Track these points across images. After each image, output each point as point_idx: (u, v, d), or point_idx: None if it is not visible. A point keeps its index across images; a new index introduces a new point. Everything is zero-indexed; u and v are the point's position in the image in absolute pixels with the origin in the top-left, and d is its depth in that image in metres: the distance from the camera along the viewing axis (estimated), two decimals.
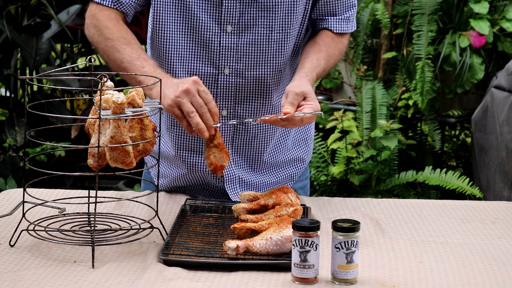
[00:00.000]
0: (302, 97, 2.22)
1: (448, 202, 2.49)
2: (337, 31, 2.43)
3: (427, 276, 1.92)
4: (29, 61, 4.39)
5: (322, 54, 2.38)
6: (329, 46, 2.41)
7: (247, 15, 2.33)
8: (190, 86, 2.12)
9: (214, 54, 2.35)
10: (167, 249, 1.99)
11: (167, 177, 2.52)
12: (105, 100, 1.99)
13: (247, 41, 2.35)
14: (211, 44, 2.34)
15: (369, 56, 4.62)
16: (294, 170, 2.56)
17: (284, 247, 1.98)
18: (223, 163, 2.19)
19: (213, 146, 2.19)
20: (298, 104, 2.21)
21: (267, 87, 2.41)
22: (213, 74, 2.36)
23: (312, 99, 2.22)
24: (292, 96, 2.21)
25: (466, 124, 4.76)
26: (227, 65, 2.36)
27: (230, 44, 2.34)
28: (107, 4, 2.36)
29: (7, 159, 4.33)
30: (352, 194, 4.34)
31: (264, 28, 2.34)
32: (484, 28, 4.10)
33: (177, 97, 2.12)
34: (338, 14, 2.43)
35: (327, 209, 2.41)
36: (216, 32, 2.33)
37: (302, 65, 2.35)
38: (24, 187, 2.07)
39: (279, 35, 2.36)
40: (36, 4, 4.58)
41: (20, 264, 1.94)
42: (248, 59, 2.36)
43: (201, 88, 2.13)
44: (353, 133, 4.23)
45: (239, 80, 2.38)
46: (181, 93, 2.12)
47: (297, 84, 2.25)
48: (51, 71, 2.16)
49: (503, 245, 2.14)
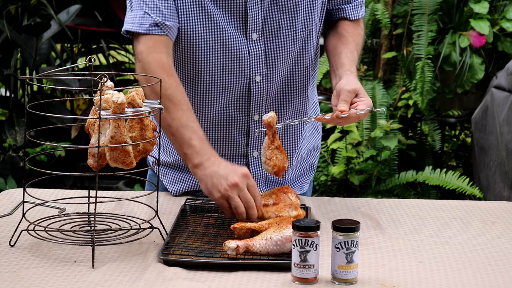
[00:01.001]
0: (354, 94, 2.24)
1: (448, 202, 2.49)
2: (354, 18, 2.46)
3: (427, 276, 1.92)
4: (29, 61, 4.39)
5: (352, 45, 2.41)
6: (353, 35, 2.44)
7: (270, 20, 2.33)
8: (240, 180, 2.12)
9: (244, 65, 2.35)
10: (167, 249, 1.99)
11: (183, 183, 2.51)
12: (105, 100, 1.99)
13: (273, 45, 2.35)
14: (240, 55, 2.33)
15: (369, 56, 4.62)
16: (313, 159, 2.60)
17: (284, 247, 1.98)
18: (285, 164, 2.22)
19: (275, 148, 2.20)
20: (351, 101, 2.23)
21: (296, 86, 2.43)
22: (245, 84, 2.37)
23: (363, 95, 2.24)
24: (345, 94, 2.23)
25: (466, 124, 4.76)
26: (257, 72, 2.36)
27: (257, 51, 2.35)
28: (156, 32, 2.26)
29: (7, 159, 4.33)
30: (352, 194, 4.34)
31: (288, 30, 2.35)
32: (484, 28, 4.10)
33: (226, 191, 2.12)
34: (353, 0, 2.45)
35: (327, 209, 2.41)
36: (243, 42, 2.33)
37: (340, 62, 2.37)
38: (24, 187, 2.07)
39: (303, 34, 2.37)
40: (36, 4, 4.58)
41: (20, 264, 1.94)
42: (277, 63, 2.37)
43: (250, 183, 2.13)
44: (353, 133, 4.22)
45: (270, 85, 2.38)
46: (230, 187, 2.12)
47: (347, 82, 2.27)
48: (51, 71, 2.16)
49: (503, 245, 2.14)
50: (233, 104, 2.39)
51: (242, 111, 2.40)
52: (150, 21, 2.25)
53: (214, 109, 2.39)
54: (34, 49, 4.34)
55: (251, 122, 2.41)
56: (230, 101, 2.38)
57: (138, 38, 2.28)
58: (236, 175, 2.13)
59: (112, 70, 4.62)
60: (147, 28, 2.25)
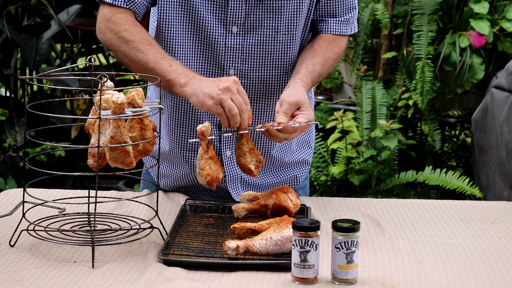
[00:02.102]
0: (297, 107, 2.21)
1: (448, 202, 2.49)
2: (335, 33, 2.42)
3: (427, 276, 1.92)
4: (29, 61, 4.39)
5: (318, 59, 2.37)
6: (325, 50, 2.39)
7: (253, 16, 2.32)
8: (231, 84, 2.12)
9: (219, 55, 2.34)
10: (167, 249, 1.99)
11: (169, 177, 2.52)
12: (105, 100, 1.99)
13: (252, 42, 2.34)
14: (217, 45, 2.33)
15: (369, 56, 4.62)
16: (299, 172, 2.56)
17: (284, 247, 1.98)
18: (219, 175, 2.18)
19: (208, 158, 2.17)
20: (292, 113, 2.20)
21: (273, 88, 2.41)
22: (218, 75, 2.35)
23: (306, 108, 2.21)
24: (286, 105, 2.20)
25: (466, 124, 4.76)
26: (232, 66, 2.35)
27: (235, 45, 2.34)
28: (120, 4, 2.30)
29: (7, 159, 4.33)
30: (352, 194, 4.34)
31: (270, 29, 2.34)
32: (484, 28, 4.10)
33: (218, 95, 2.11)
34: (338, 15, 2.41)
35: (327, 209, 2.41)
36: (221, 33, 2.32)
37: (297, 70, 2.33)
38: (24, 187, 2.07)
39: (284, 37, 2.35)
40: (36, 4, 4.58)
41: (20, 264, 1.94)
42: (254, 61, 2.36)
43: (240, 89, 2.13)
44: (353, 133, 4.22)
45: (244, 81, 2.37)
46: (222, 91, 2.11)
47: (291, 92, 2.23)
48: (51, 71, 2.16)
49: (503, 245, 2.14)
50: None
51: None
52: None
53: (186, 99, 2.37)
54: (34, 49, 4.34)
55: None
56: None
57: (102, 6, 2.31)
58: (227, 80, 2.12)
59: (112, 70, 4.62)
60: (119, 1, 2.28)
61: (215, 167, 2.16)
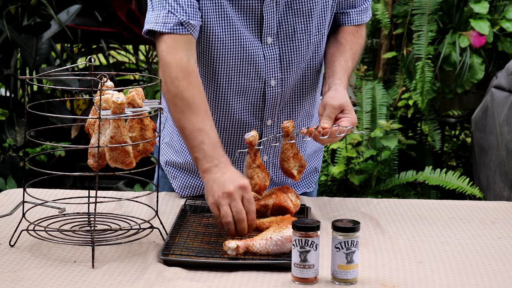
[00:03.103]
0: (340, 110, 2.22)
1: (448, 202, 2.49)
2: (357, 23, 2.43)
3: (427, 276, 1.92)
4: (29, 61, 4.39)
5: (348, 54, 2.38)
6: (352, 44, 2.41)
7: (285, 24, 2.31)
8: (235, 190, 2.05)
9: (259, 68, 2.33)
10: (167, 249, 1.99)
11: (193, 189, 2.49)
12: (105, 100, 1.99)
13: (288, 50, 2.33)
14: (255, 57, 2.31)
15: (369, 56, 4.61)
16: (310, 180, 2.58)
17: (284, 247, 1.98)
18: (266, 183, 2.22)
19: (256, 167, 2.19)
20: (335, 116, 2.21)
21: (306, 90, 2.42)
22: (261, 88, 2.35)
23: (349, 111, 2.22)
24: (329, 109, 2.21)
25: (466, 124, 4.76)
26: (272, 76, 2.34)
27: (272, 55, 2.33)
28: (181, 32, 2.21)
29: (7, 159, 4.33)
30: (352, 194, 4.34)
31: (303, 34, 2.33)
32: (484, 28, 4.10)
33: (219, 197, 2.06)
34: (357, 5, 2.43)
35: (327, 209, 2.41)
36: (257, 45, 2.31)
37: (333, 70, 2.34)
38: (24, 187, 2.07)
39: (316, 37, 2.35)
40: (36, 4, 4.59)
41: (20, 264, 1.94)
42: (291, 67, 2.35)
43: (246, 196, 2.06)
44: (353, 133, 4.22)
45: (284, 89, 2.37)
46: (223, 195, 2.06)
47: (334, 95, 2.24)
48: (51, 71, 2.16)
49: (503, 245, 2.14)
50: (248, 108, 2.37)
51: (256, 116, 2.38)
52: (174, 20, 2.20)
53: (229, 112, 2.36)
54: (34, 49, 4.34)
55: (264, 127, 2.40)
56: (245, 104, 2.36)
57: (160, 38, 2.22)
58: (232, 184, 2.06)
59: (112, 70, 4.62)
60: (172, 27, 2.20)
61: (263, 175, 2.21)
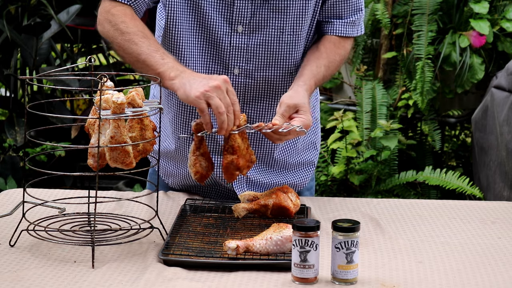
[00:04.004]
0: (295, 110, 2.20)
1: (448, 202, 2.49)
2: (341, 35, 2.40)
3: (427, 276, 1.92)
4: (29, 61, 4.39)
5: (323, 61, 2.36)
6: (330, 52, 2.39)
7: (259, 16, 2.32)
8: (221, 83, 2.09)
9: (224, 54, 2.34)
10: (167, 249, 1.99)
11: (176, 176, 2.52)
12: (105, 100, 1.99)
13: (257, 41, 2.34)
14: (222, 43, 2.33)
15: (369, 56, 4.62)
16: (304, 173, 2.56)
17: (284, 247, 1.98)
18: (208, 172, 2.20)
19: (200, 155, 2.18)
20: (290, 116, 2.20)
21: (277, 89, 2.40)
22: (222, 74, 2.34)
23: (304, 112, 2.20)
24: (283, 107, 2.19)
25: (466, 124, 4.76)
26: (236, 65, 2.35)
27: (240, 44, 2.33)
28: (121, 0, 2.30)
29: (7, 159, 4.33)
30: (352, 194, 4.34)
31: (275, 29, 2.33)
32: (484, 28, 4.10)
33: (206, 91, 2.08)
34: (344, 17, 2.40)
35: (327, 209, 2.41)
36: (227, 32, 2.32)
37: (301, 73, 2.33)
38: (24, 187, 2.07)
39: (289, 37, 2.35)
40: (36, 4, 4.59)
41: (20, 264, 1.94)
42: (258, 60, 2.35)
43: (230, 89, 2.10)
44: (353, 133, 4.22)
45: (248, 81, 2.37)
46: (211, 88, 2.08)
47: (292, 94, 2.23)
48: (51, 71, 2.16)
49: (503, 245, 2.14)
50: None
51: None
52: None
53: None
54: (34, 49, 4.34)
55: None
56: None
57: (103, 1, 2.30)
58: (217, 79, 2.09)
59: (112, 70, 4.62)
60: None
61: (205, 164, 2.18)
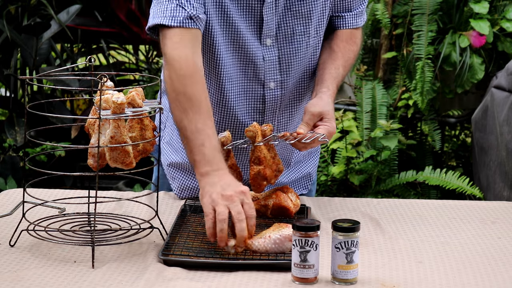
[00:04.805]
0: (319, 118, 2.21)
1: (448, 202, 2.49)
2: (352, 27, 2.40)
3: (427, 276, 1.92)
4: (29, 61, 4.40)
5: (339, 61, 2.35)
6: (344, 51, 2.38)
7: (284, 26, 2.29)
8: (235, 194, 2.00)
9: (259, 69, 2.30)
10: (167, 249, 1.99)
11: (192, 190, 2.47)
12: (105, 100, 1.99)
13: (287, 52, 2.31)
14: (255, 59, 2.29)
15: (369, 56, 4.61)
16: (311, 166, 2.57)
17: (283, 246, 1.98)
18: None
19: (228, 167, 2.18)
20: (314, 124, 2.20)
21: (305, 92, 2.41)
22: (260, 90, 2.33)
23: (328, 120, 2.20)
24: (308, 116, 2.20)
25: (466, 124, 4.76)
26: (271, 79, 2.32)
27: (271, 57, 2.31)
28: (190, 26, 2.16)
29: (7, 159, 4.33)
30: (352, 194, 4.34)
31: (302, 36, 2.31)
32: (484, 28, 4.10)
33: (217, 198, 1.99)
34: (353, 9, 2.40)
35: (327, 209, 2.41)
36: (257, 46, 2.28)
37: (321, 78, 2.32)
38: (24, 187, 2.07)
39: (314, 40, 2.34)
40: (36, 4, 4.59)
41: (20, 264, 1.94)
42: (290, 69, 2.33)
43: (246, 201, 2.00)
44: (353, 133, 4.22)
45: (283, 92, 2.35)
46: (222, 197, 1.99)
47: (316, 102, 2.23)
48: (51, 71, 2.16)
49: (503, 245, 2.14)
50: (249, 110, 2.35)
51: (256, 119, 2.35)
52: (184, 14, 2.15)
53: (230, 113, 2.34)
54: (34, 49, 4.34)
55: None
56: (246, 107, 2.34)
57: (166, 33, 2.16)
58: (233, 189, 2.00)
59: (112, 70, 4.62)
60: (181, 20, 2.14)
61: (234, 175, 2.18)
